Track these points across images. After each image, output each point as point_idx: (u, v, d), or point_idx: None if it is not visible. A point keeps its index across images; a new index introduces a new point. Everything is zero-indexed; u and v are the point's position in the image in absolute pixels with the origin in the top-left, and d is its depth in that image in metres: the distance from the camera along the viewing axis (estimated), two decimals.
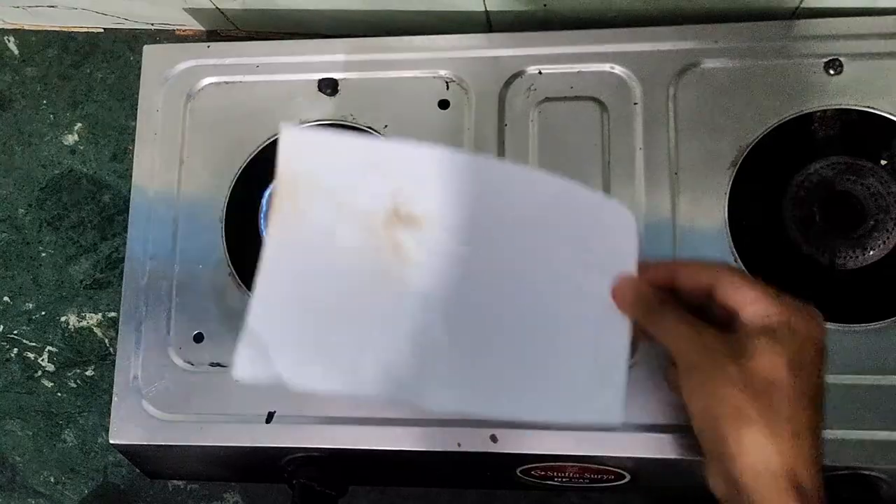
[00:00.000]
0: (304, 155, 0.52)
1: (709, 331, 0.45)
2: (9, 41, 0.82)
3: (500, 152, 0.63)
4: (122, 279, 0.65)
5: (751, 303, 0.45)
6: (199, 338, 0.62)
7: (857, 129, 0.62)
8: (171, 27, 0.80)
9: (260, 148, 0.66)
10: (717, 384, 0.43)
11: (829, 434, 0.55)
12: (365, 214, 0.52)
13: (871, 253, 0.58)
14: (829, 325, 0.57)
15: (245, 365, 0.48)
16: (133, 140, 0.68)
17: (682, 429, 0.55)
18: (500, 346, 0.51)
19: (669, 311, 0.47)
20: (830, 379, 0.55)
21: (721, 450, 0.43)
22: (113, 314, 0.76)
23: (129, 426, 0.61)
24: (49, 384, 0.76)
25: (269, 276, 0.51)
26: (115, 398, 0.61)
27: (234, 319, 0.59)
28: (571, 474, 0.59)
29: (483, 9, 0.69)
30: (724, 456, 0.43)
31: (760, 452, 0.42)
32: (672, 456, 0.55)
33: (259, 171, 0.65)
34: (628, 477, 0.59)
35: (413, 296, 0.51)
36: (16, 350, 0.77)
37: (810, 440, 0.43)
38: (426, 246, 0.52)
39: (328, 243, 0.52)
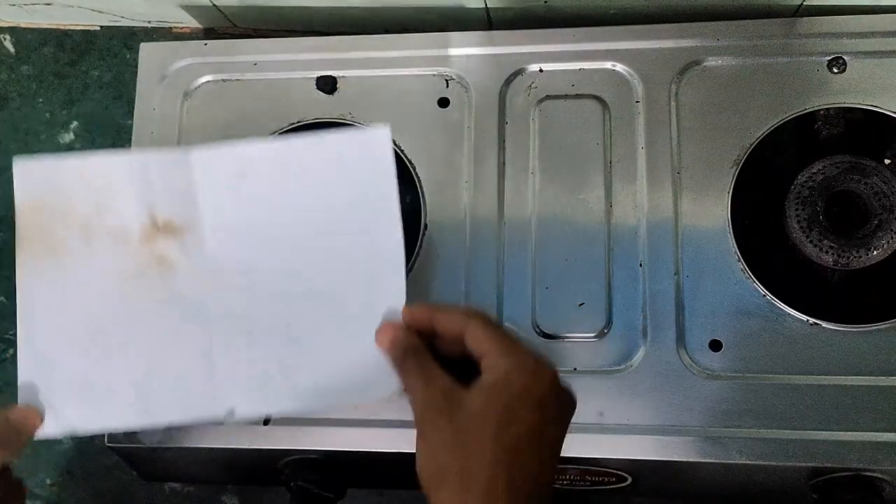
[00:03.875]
0: (42, 182, 0.52)
1: (437, 384, 0.45)
2: (5, 39, 0.81)
3: (501, 150, 0.63)
4: None
5: (486, 354, 0.45)
6: None
7: (861, 128, 0.61)
8: (167, 25, 0.79)
9: None
10: (430, 441, 0.44)
11: (832, 435, 0.54)
12: (117, 232, 0.52)
13: (875, 253, 0.58)
14: (833, 326, 0.57)
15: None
16: (130, 139, 0.67)
17: (683, 430, 0.55)
18: (291, 339, 0.51)
19: (411, 359, 0.47)
20: (835, 380, 0.56)
21: None
22: None
23: None
24: None
25: (28, 321, 0.51)
26: None
27: None
28: (573, 477, 0.59)
29: (483, 6, 0.69)
30: None
31: None
32: (673, 458, 0.55)
33: None
34: (630, 479, 0.58)
35: (190, 304, 0.51)
36: (11, 351, 0.76)
37: (507, 499, 0.41)
38: (192, 252, 0.52)
39: (85, 271, 0.52)
